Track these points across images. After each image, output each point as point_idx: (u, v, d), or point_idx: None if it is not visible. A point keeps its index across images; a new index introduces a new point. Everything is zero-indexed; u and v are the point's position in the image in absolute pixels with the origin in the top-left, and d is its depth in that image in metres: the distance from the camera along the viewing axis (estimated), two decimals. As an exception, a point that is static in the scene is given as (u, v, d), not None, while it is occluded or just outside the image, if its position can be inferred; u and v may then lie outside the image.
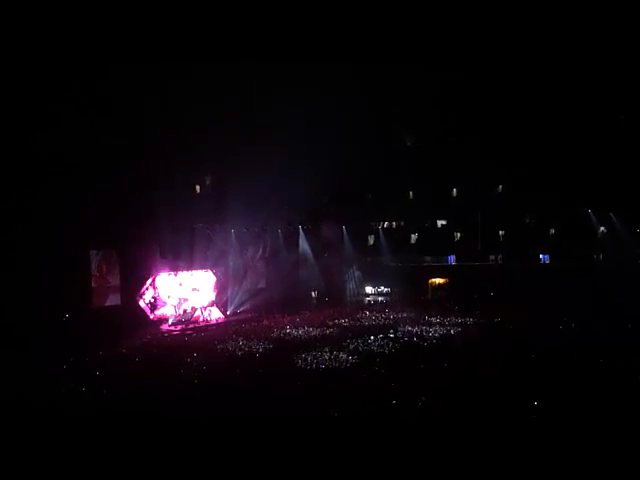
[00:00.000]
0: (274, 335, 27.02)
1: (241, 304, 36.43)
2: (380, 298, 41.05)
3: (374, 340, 24.80)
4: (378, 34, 26.02)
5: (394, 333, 26.38)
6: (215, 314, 34.27)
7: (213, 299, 35.44)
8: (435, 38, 26.89)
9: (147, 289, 32.02)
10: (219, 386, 17.62)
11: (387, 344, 23.93)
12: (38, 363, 19.89)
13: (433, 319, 29.76)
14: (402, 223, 44.43)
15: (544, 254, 41.41)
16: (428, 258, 43.06)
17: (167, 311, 32.70)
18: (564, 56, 29.32)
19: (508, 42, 27.79)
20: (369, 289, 42.92)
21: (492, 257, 42.48)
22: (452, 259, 42.77)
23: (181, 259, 34.03)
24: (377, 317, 31.75)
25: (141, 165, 29.15)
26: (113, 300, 30.40)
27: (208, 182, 36.96)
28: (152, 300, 32.18)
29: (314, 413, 13.87)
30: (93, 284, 29.69)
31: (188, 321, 32.51)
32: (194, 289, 34.49)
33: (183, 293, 33.75)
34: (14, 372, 18.43)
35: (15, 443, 12.25)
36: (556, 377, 16.91)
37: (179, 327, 31.53)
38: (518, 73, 32.13)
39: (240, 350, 23.84)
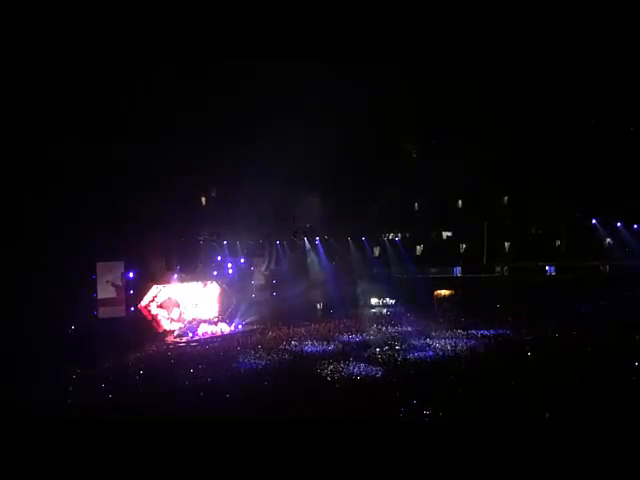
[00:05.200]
0: (280, 347, 26.94)
1: (246, 316, 36.40)
2: (385, 310, 40.88)
3: (380, 352, 24.72)
4: (383, 37, 25.98)
5: (400, 345, 26.30)
6: (220, 326, 34.24)
7: (218, 310, 35.45)
8: (442, 48, 26.92)
9: (152, 301, 32.06)
10: (224, 398, 17.60)
11: (393, 355, 23.87)
12: (44, 374, 19.89)
13: (439, 332, 29.61)
14: (407, 234, 44.34)
15: (550, 265, 41.23)
16: (434, 270, 42.88)
17: (172, 323, 32.71)
18: (570, 62, 29.27)
19: (513, 51, 27.82)
20: (374, 300, 42.77)
21: (498, 269, 42.28)
22: (458, 271, 42.60)
23: (186, 271, 34.10)
24: (383, 329, 31.65)
25: (147, 176, 29.27)
26: (119, 312, 30.42)
27: (214, 194, 37.08)
28: (157, 312, 32.19)
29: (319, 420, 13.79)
30: (99, 295, 29.73)
31: (193, 333, 32.50)
32: (199, 301, 34.53)
33: (188, 305, 33.78)
34: (20, 383, 18.43)
35: (19, 454, 12.23)
36: (564, 385, 16.85)
37: (184, 339, 31.53)
38: (523, 82, 32.17)
39: (245, 362, 23.81)
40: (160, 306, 32.37)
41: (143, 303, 31.58)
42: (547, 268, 41.32)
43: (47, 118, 24.63)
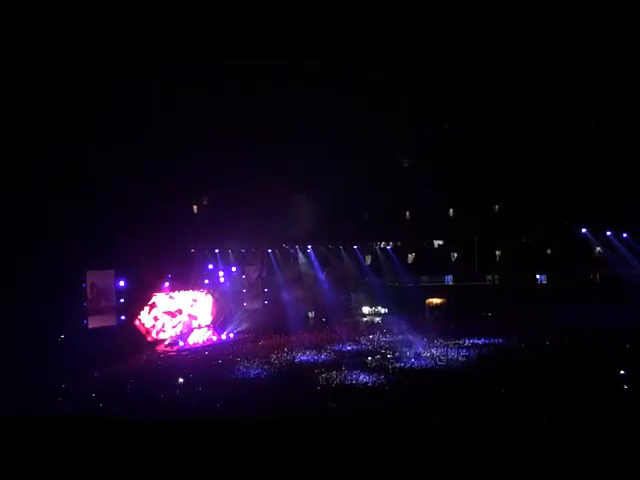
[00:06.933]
0: (272, 356, 26.86)
1: (238, 325, 36.28)
2: (377, 318, 40.90)
3: (372, 361, 24.71)
4: (378, 39, 26.02)
5: (392, 354, 26.31)
6: (212, 335, 34.11)
7: (210, 320, 35.31)
8: (437, 54, 27.01)
9: (144, 310, 31.85)
10: (214, 406, 17.52)
11: (385, 364, 23.86)
12: (34, 384, 19.68)
13: (431, 340, 29.63)
14: (399, 243, 44.46)
15: (541, 274, 41.46)
16: (425, 278, 42.98)
17: (163, 332, 32.51)
18: (562, 69, 29.48)
19: (508, 57, 28.00)
20: (366, 309, 42.80)
21: (489, 277, 42.45)
22: (449, 279, 42.73)
23: (178, 280, 33.95)
24: (375, 338, 31.66)
25: (138, 184, 29.17)
26: (108, 321, 30.16)
27: (206, 202, 37.03)
28: (148, 321, 32.00)
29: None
30: (89, 304, 29.50)
31: (184, 342, 32.34)
32: (191, 309, 34.37)
33: (180, 314, 33.60)
34: (10, 393, 18.23)
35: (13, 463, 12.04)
36: (555, 392, 16.90)
37: (175, 348, 31.35)
38: (514, 90, 32.40)
39: (236, 371, 23.73)
40: (151, 315, 32.15)
41: (134, 312, 31.36)
42: (538, 277, 41.57)
43: (43, 127, 24.52)
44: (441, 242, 44.18)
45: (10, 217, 24.08)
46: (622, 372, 20.05)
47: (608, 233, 38.64)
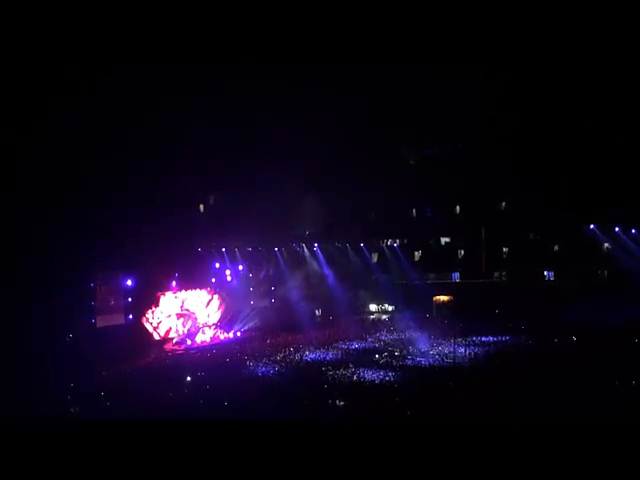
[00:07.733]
0: (279, 354, 26.90)
1: (245, 323, 36.37)
2: (384, 316, 40.85)
3: (379, 358, 24.69)
4: (384, 43, 25.95)
5: (400, 352, 26.29)
6: (219, 333, 34.19)
7: (217, 318, 35.41)
8: (440, 54, 26.94)
9: (151, 309, 31.97)
10: (222, 404, 17.56)
11: (392, 362, 23.84)
12: (43, 383, 19.80)
13: (438, 338, 29.55)
14: (406, 240, 44.33)
15: (548, 271, 41.24)
16: (432, 275, 42.85)
17: (171, 331, 32.63)
18: (566, 67, 29.36)
19: (512, 57, 27.93)
20: (373, 307, 42.76)
21: (496, 274, 42.27)
22: (456, 276, 42.60)
23: (185, 279, 34.06)
24: (382, 336, 31.61)
25: (145, 184, 29.25)
26: (116, 320, 30.30)
27: (212, 201, 37.09)
28: (156, 320, 32.12)
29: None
30: (98, 304, 29.64)
31: (192, 340, 32.45)
32: (198, 308, 34.48)
33: (187, 313, 33.71)
34: (18, 392, 18.35)
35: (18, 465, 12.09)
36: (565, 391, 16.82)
37: (183, 347, 31.47)
38: (521, 87, 32.23)
39: (244, 369, 23.79)
40: (159, 314, 32.26)
41: (142, 311, 31.49)
42: (545, 273, 41.35)
43: (48, 127, 24.61)
44: (448, 239, 44.00)
45: (17, 218, 24.22)
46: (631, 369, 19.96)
47: (616, 229, 38.37)
